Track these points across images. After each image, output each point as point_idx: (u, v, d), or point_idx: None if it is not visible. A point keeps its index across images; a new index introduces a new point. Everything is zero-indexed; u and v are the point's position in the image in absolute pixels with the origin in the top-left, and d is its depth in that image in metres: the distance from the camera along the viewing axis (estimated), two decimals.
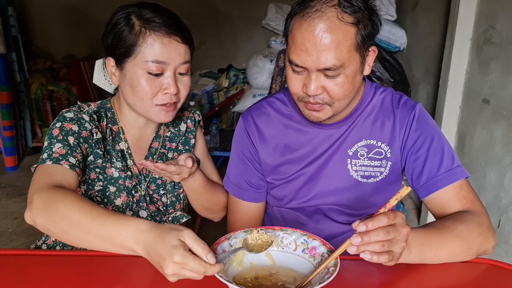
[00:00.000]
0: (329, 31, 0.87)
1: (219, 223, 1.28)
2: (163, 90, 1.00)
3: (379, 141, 1.05)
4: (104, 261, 0.91)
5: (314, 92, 0.92)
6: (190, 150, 1.20)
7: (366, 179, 1.06)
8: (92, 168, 1.05)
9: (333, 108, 0.97)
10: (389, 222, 0.72)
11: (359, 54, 0.91)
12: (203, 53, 5.07)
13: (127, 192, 1.07)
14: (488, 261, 0.93)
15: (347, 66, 0.90)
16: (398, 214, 0.75)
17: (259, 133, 1.11)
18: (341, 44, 0.87)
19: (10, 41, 3.63)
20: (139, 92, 0.99)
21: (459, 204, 0.99)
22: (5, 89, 3.51)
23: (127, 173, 1.08)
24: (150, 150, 1.14)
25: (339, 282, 0.75)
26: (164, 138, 1.17)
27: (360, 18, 0.89)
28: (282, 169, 1.11)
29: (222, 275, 0.72)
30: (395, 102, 1.07)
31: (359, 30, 0.89)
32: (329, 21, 0.87)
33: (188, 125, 1.21)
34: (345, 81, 0.92)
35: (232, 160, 1.18)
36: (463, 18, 2.32)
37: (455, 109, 2.50)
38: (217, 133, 2.92)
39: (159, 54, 0.97)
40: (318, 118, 0.98)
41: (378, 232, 0.72)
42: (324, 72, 0.90)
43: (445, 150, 1.02)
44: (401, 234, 0.74)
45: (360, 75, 0.96)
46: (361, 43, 0.90)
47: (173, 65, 0.99)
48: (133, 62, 0.98)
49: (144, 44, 0.97)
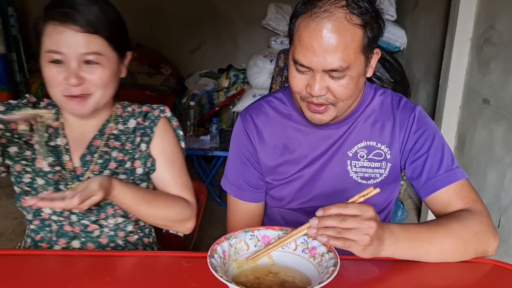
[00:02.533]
0: (337, 32, 0.86)
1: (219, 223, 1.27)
2: (65, 81, 0.96)
3: (379, 142, 1.05)
4: (104, 261, 0.91)
5: (319, 93, 0.92)
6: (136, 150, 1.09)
7: (365, 180, 1.06)
8: (18, 160, 1.04)
9: (337, 109, 0.96)
10: (345, 211, 0.76)
11: (364, 56, 0.92)
12: (203, 53, 5.07)
13: (55, 187, 1.05)
14: (491, 262, 0.93)
15: (353, 68, 0.90)
16: (363, 207, 0.77)
17: (258, 133, 1.11)
18: (348, 45, 0.87)
19: (10, 41, 3.63)
20: (47, 82, 0.99)
21: (461, 204, 0.98)
22: (5, 89, 3.51)
23: (56, 168, 1.05)
24: (89, 148, 1.08)
25: (339, 282, 0.75)
26: (109, 136, 1.09)
27: (367, 20, 0.89)
28: (281, 169, 1.10)
29: (222, 275, 0.72)
30: (395, 104, 1.06)
31: (366, 32, 0.89)
32: (337, 22, 0.86)
33: (138, 121, 1.11)
34: (349, 83, 0.91)
35: (230, 160, 1.18)
36: (463, 18, 2.32)
37: (455, 109, 2.50)
38: (217, 133, 2.92)
39: (53, 43, 0.95)
40: (321, 120, 0.98)
41: (333, 218, 0.76)
42: (329, 73, 0.90)
43: (445, 150, 1.03)
44: (361, 225, 0.76)
45: (364, 77, 0.96)
46: (367, 45, 0.90)
47: (72, 55, 0.95)
48: (42, 53, 0.99)
49: (44, 33, 0.97)
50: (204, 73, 4.77)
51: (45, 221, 1.06)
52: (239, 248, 0.85)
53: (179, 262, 0.90)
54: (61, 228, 1.06)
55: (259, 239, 0.87)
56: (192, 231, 1.12)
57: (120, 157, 1.08)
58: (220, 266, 0.77)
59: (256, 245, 0.86)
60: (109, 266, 0.89)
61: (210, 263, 0.75)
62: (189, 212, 1.08)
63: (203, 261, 0.78)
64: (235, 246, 0.84)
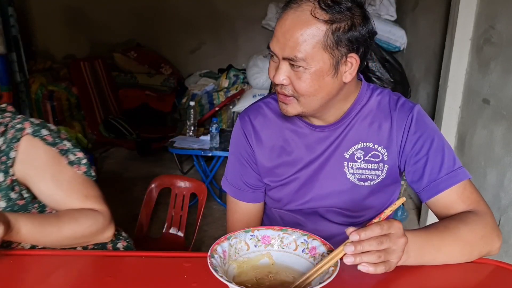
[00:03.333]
0: (298, 23, 0.88)
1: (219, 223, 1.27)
2: None
3: (376, 143, 1.04)
4: (104, 261, 0.91)
5: (280, 81, 0.93)
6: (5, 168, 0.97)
7: (363, 182, 1.06)
8: None
9: (300, 104, 0.96)
10: (382, 232, 0.73)
11: (328, 54, 0.90)
12: (203, 53, 5.07)
13: None
14: (493, 262, 0.93)
15: (310, 62, 0.90)
16: (394, 224, 0.75)
17: (256, 134, 1.11)
18: (308, 38, 0.88)
19: (10, 41, 3.63)
20: None
21: (463, 205, 0.98)
22: (5, 89, 3.51)
23: None
24: None
25: (339, 282, 0.75)
26: None
27: (336, 18, 0.87)
28: (278, 171, 1.10)
29: (222, 275, 0.72)
30: (392, 104, 1.05)
31: (332, 30, 0.88)
32: (301, 13, 0.89)
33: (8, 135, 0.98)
34: (308, 78, 0.91)
35: (229, 160, 1.18)
36: (463, 18, 2.33)
37: (455, 109, 2.50)
38: (217, 133, 2.92)
39: None
40: (287, 111, 0.98)
41: (371, 242, 0.72)
42: (289, 61, 0.92)
43: (446, 151, 1.01)
44: (396, 244, 0.75)
45: (332, 78, 0.93)
46: (332, 44, 0.88)
47: None
48: None
49: None
50: (204, 73, 4.77)
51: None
52: (239, 248, 0.85)
53: (179, 262, 0.90)
54: None
55: (259, 239, 0.87)
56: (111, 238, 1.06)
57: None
58: (220, 266, 0.77)
59: (256, 245, 0.86)
60: (109, 266, 0.89)
61: (210, 263, 0.75)
62: (102, 220, 1.03)
63: (203, 261, 0.78)
64: (235, 246, 0.84)
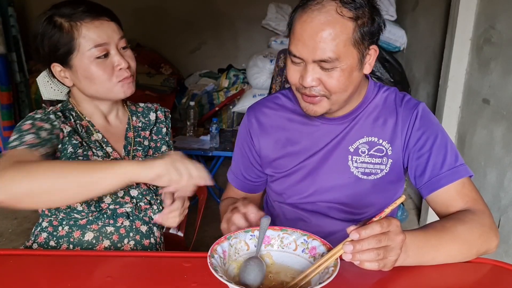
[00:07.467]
0: (326, 24, 0.89)
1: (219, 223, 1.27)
2: (116, 68, 1.06)
3: (381, 138, 1.06)
4: (104, 261, 0.91)
5: (310, 84, 0.94)
6: (164, 139, 1.25)
7: (366, 176, 1.07)
8: (74, 158, 1.07)
9: (330, 101, 0.97)
10: (382, 230, 0.74)
11: (356, 50, 0.93)
12: (203, 53, 5.07)
13: None
14: (491, 262, 0.93)
15: (343, 60, 0.91)
16: (392, 221, 0.75)
17: (261, 127, 1.14)
18: (337, 37, 0.89)
19: (10, 41, 3.63)
20: (96, 79, 1.05)
21: (462, 203, 0.99)
22: (5, 89, 3.51)
23: (111, 159, 1.11)
24: (127, 139, 1.18)
25: (339, 282, 0.75)
26: (137, 128, 1.22)
27: (360, 14, 0.91)
28: (282, 162, 1.12)
29: (222, 275, 0.72)
30: (398, 100, 1.07)
31: (358, 26, 0.91)
32: (327, 14, 0.89)
33: (159, 115, 1.27)
34: (340, 75, 0.93)
35: (234, 150, 1.25)
36: (463, 18, 2.33)
37: (455, 109, 2.50)
38: (217, 133, 2.92)
39: (97, 37, 1.03)
40: (315, 112, 1.00)
41: (370, 241, 0.73)
42: (319, 64, 0.92)
43: (449, 148, 1.03)
44: (394, 242, 0.75)
45: (358, 72, 0.97)
46: (359, 39, 0.92)
47: (113, 42, 1.05)
48: (78, 56, 1.04)
49: (79, 35, 1.03)
50: (204, 73, 4.77)
51: None
52: (239, 248, 0.85)
53: (179, 262, 0.90)
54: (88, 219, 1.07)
55: None
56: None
57: (153, 144, 1.22)
58: (220, 266, 0.77)
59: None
60: (109, 266, 0.89)
61: (210, 263, 0.75)
62: None
63: (203, 261, 0.78)
64: (235, 246, 0.85)
